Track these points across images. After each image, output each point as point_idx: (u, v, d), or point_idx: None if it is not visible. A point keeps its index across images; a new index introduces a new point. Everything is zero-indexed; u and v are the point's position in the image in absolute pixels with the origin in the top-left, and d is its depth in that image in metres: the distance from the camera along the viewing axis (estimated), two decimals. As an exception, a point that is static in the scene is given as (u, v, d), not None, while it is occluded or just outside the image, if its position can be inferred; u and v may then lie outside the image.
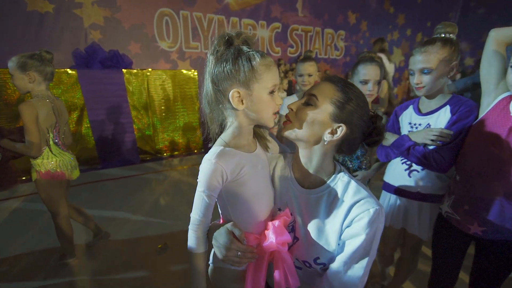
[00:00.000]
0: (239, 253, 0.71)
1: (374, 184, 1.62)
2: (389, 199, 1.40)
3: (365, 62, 1.40)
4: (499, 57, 0.99)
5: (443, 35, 1.12)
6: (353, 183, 0.73)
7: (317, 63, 1.99)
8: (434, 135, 1.10)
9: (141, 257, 2.06)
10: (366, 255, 0.68)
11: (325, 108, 0.70)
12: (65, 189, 1.92)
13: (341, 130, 0.70)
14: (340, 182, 0.74)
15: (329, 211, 0.73)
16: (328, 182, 0.75)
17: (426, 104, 1.23)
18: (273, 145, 0.91)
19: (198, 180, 0.73)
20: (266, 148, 0.88)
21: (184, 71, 4.21)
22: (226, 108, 0.74)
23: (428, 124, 1.20)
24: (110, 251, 2.13)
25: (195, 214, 0.75)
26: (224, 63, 0.69)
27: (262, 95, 0.70)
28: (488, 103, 1.01)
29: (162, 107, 4.12)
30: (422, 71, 1.12)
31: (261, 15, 6.46)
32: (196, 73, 4.22)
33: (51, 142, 1.74)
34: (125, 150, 3.98)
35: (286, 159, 0.87)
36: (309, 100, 0.72)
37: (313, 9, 7.01)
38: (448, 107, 1.14)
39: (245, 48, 0.69)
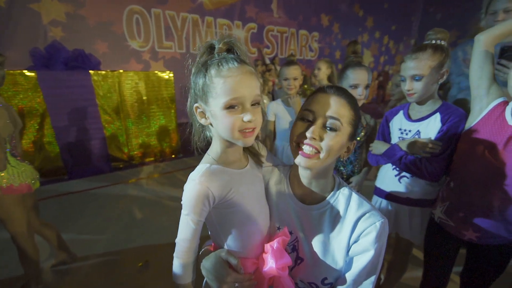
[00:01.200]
0: (236, 284, 0.66)
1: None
2: (380, 203, 1.40)
3: (354, 67, 1.40)
4: (490, 60, 1.02)
5: (434, 42, 1.13)
6: (354, 196, 0.71)
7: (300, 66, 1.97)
8: (427, 147, 1.11)
9: (120, 278, 1.88)
10: (375, 270, 0.66)
11: (346, 131, 0.66)
12: (32, 204, 1.73)
13: (353, 146, 0.69)
14: (342, 195, 0.72)
15: (333, 227, 0.70)
16: (329, 196, 0.72)
17: (416, 110, 1.24)
18: (267, 157, 0.85)
19: (182, 202, 0.65)
20: (259, 162, 0.82)
21: (159, 73, 3.99)
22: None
23: (418, 130, 1.21)
24: (84, 274, 1.92)
25: (181, 240, 0.67)
26: (193, 75, 0.66)
27: (217, 111, 0.62)
28: (480, 109, 1.02)
29: (136, 111, 3.87)
30: (414, 78, 1.13)
31: (236, 15, 6.37)
32: (171, 75, 4.02)
33: (8, 153, 1.54)
34: (95, 158, 3.67)
35: (281, 173, 0.81)
36: (333, 125, 0.65)
37: (288, 10, 7.07)
38: (438, 115, 1.16)
39: (216, 56, 0.62)
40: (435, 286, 1.21)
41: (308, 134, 0.64)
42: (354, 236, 0.67)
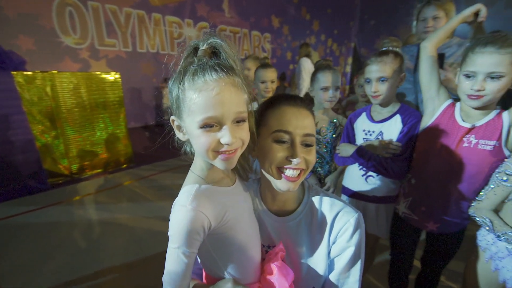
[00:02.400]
0: None
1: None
2: (348, 202, 1.48)
3: (324, 70, 1.46)
4: (436, 64, 1.14)
5: (391, 48, 1.22)
6: (325, 197, 0.72)
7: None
8: (389, 148, 1.21)
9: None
10: (358, 259, 0.68)
11: (315, 141, 0.68)
12: None
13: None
14: (313, 200, 0.72)
15: (311, 234, 0.70)
16: (302, 204, 0.72)
17: (378, 112, 1.33)
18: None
19: (169, 234, 0.57)
20: (246, 178, 0.78)
21: (103, 74, 3.55)
22: None
23: (381, 131, 1.30)
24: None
25: (170, 278, 0.57)
26: (170, 82, 0.59)
27: (192, 129, 0.56)
28: (433, 109, 1.14)
29: (76, 117, 3.38)
30: (379, 80, 1.20)
31: (187, 13, 6.10)
32: (118, 76, 3.63)
33: None
34: (26, 175, 3.10)
35: (251, 188, 0.77)
36: (311, 142, 0.66)
37: (239, 10, 7.06)
38: (398, 116, 1.26)
39: (195, 62, 0.55)
40: (403, 273, 1.33)
41: (295, 161, 0.63)
42: (332, 237, 0.68)
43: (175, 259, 0.56)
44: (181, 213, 0.56)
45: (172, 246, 0.56)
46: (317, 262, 0.70)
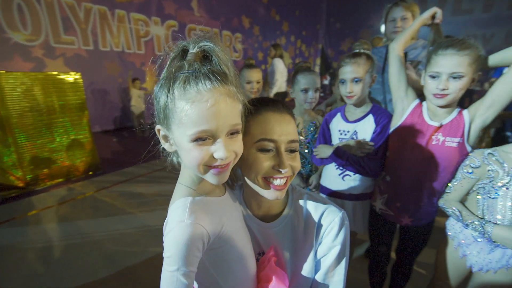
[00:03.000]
0: None
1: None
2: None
3: (304, 72, 1.48)
4: (403, 64, 1.20)
5: (362, 50, 1.27)
6: (310, 197, 0.72)
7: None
8: (364, 148, 1.26)
9: None
10: (342, 259, 0.68)
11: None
12: None
13: None
14: (298, 201, 0.72)
15: (298, 236, 0.70)
16: (287, 207, 0.72)
17: (352, 112, 1.37)
18: None
19: (166, 256, 0.52)
20: (232, 186, 0.75)
21: (62, 75, 3.24)
22: None
23: (355, 131, 1.35)
24: None
25: None
26: (157, 87, 0.54)
27: (182, 142, 0.52)
28: (402, 109, 1.20)
29: (29, 122, 3.04)
30: (353, 81, 1.24)
31: (153, 11, 5.85)
32: (78, 76, 3.34)
33: None
34: (-30, 190, 2.71)
35: (234, 194, 0.75)
36: (295, 148, 0.64)
37: (209, 10, 6.94)
38: (371, 116, 1.32)
39: (185, 68, 0.50)
40: (382, 263, 1.40)
41: (283, 170, 0.61)
42: (318, 238, 0.69)
43: (174, 283, 0.50)
44: (180, 230, 0.51)
45: (170, 269, 0.51)
46: (305, 264, 0.69)
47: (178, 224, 0.52)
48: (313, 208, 0.70)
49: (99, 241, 2.20)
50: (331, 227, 0.67)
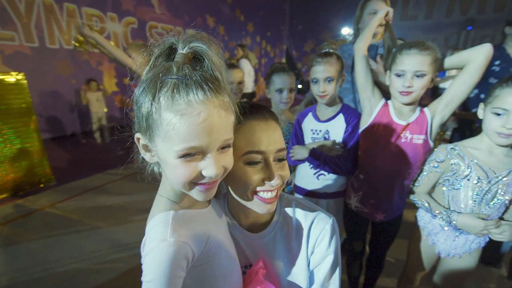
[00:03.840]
0: None
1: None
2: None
3: (278, 72, 1.47)
4: (369, 64, 1.24)
5: (331, 50, 1.29)
6: (298, 204, 0.70)
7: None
8: (334, 149, 1.29)
9: None
10: (337, 265, 0.67)
11: None
12: None
13: None
14: (286, 209, 0.70)
15: (289, 246, 0.67)
16: (276, 215, 0.69)
17: (323, 112, 1.39)
18: None
19: (146, 280, 0.46)
20: (218, 195, 0.71)
21: (1, 75, 2.82)
22: None
23: (327, 130, 1.38)
24: None
25: None
26: (138, 90, 0.48)
27: (167, 157, 0.46)
28: (370, 109, 1.24)
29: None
30: (326, 80, 1.25)
31: (109, 6, 5.42)
32: (22, 77, 2.93)
33: None
34: None
35: (217, 203, 0.71)
36: (283, 156, 0.61)
37: (171, 7, 6.65)
38: (342, 116, 1.35)
39: (173, 72, 0.44)
40: (358, 256, 1.46)
41: (274, 182, 0.56)
42: (309, 248, 0.66)
43: None
44: (162, 250, 0.45)
45: None
46: (297, 276, 0.67)
47: (160, 244, 0.46)
48: (303, 216, 0.68)
49: (57, 262, 1.96)
50: (322, 236, 0.65)
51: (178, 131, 0.43)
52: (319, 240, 0.65)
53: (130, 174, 3.26)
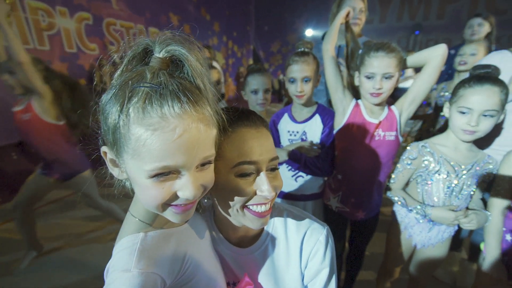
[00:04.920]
0: None
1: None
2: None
3: (253, 73, 1.44)
4: (337, 65, 1.25)
5: (306, 49, 1.29)
6: (289, 214, 0.67)
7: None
8: (312, 150, 1.29)
9: None
10: (332, 278, 0.65)
11: None
12: None
13: None
14: (277, 220, 0.66)
15: (280, 260, 0.64)
16: (266, 227, 0.65)
17: (298, 113, 1.38)
18: None
19: None
20: (202, 209, 0.66)
21: None
22: None
23: (304, 131, 1.38)
24: None
25: None
26: (105, 97, 0.42)
27: (136, 176, 0.41)
28: (343, 109, 1.26)
29: None
30: (303, 80, 1.24)
31: (58, 0, 4.88)
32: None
33: None
34: None
35: (201, 216, 0.66)
36: (276, 166, 0.56)
37: (130, 3, 6.22)
38: (318, 117, 1.36)
39: (146, 78, 0.39)
40: (339, 253, 1.49)
41: (268, 195, 0.52)
42: (303, 261, 0.64)
43: None
44: (124, 283, 0.39)
45: None
46: None
47: (122, 275, 0.40)
48: (295, 227, 0.64)
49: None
50: (316, 249, 0.62)
51: (149, 149, 0.37)
52: (313, 253, 0.62)
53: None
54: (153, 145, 0.37)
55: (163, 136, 0.37)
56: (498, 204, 1.03)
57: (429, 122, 2.21)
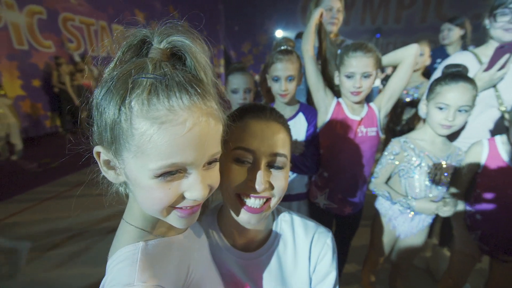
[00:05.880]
0: None
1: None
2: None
3: (234, 72, 1.42)
4: (317, 63, 1.27)
5: (288, 48, 1.28)
6: (296, 218, 0.67)
7: None
8: (297, 148, 1.29)
9: None
10: (337, 280, 0.65)
11: (288, 163, 0.57)
12: None
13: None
14: (284, 223, 0.66)
15: (288, 265, 0.63)
16: (273, 231, 0.65)
17: (282, 111, 1.35)
18: None
19: None
20: (202, 213, 0.62)
21: None
22: None
23: None
24: None
25: None
26: (99, 91, 0.37)
27: (139, 177, 0.37)
28: (325, 108, 1.28)
29: None
30: (287, 78, 1.23)
31: (4, -10, 4.35)
32: None
33: None
34: None
35: (203, 222, 0.63)
36: (281, 164, 0.54)
37: (90, -3, 5.78)
38: (302, 115, 1.36)
39: (148, 69, 0.35)
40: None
41: (257, 186, 0.50)
42: (312, 265, 0.64)
43: None
44: None
45: None
46: None
47: None
48: (303, 231, 0.64)
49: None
50: (324, 252, 0.63)
51: (156, 144, 0.34)
52: (321, 256, 0.63)
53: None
54: (161, 140, 0.34)
55: (172, 130, 0.34)
56: (462, 189, 1.15)
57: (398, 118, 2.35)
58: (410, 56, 1.14)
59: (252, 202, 0.52)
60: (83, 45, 5.62)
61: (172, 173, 0.37)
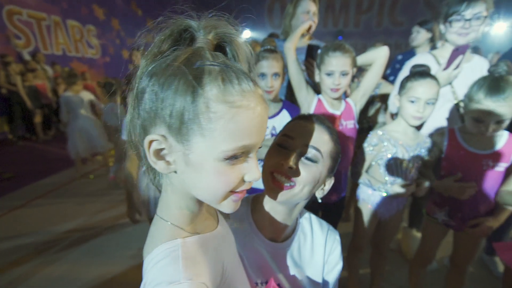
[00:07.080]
0: None
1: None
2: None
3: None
4: (299, 63, 1.35)
5: (271, 48, 1.34)
6: (313, 217, 0.77)
7: None
8: None
9: None
10: (342, 267, 0.75)
11: (325, 164, 0.63)
12: None
13: (330, 183, 0.69)
14: (305, 220, 0.74)
15: (307, 257, 0.71)
16: (297, 226, 0.72)
17: None
18: None
19: None
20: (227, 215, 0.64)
21: None
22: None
23: (274, 126, 1.42)
24: None
25: None
26: (153, 79, 0.37)
27: (205, 160, 0.37)
28: (308, 105, 1.36)
29: None
30: (273, 75, 1.29)
31: None
32: None
33: None
34: None
35: (238, 213, 0.67)
36: (313, 156, 0.60)
37: (41, -10, 5.23)
38: (286, 111, 1.42)
39: (208, 58, 0.36)
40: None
41: (285, 163, 0.58)
42: (326, 257, 0.72)
43: None
44: None
45: None
46: (316, 284, 0.71)
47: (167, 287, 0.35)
48: (319, 227, 0.74)
49: None
50: (335, 246, 0.72)
51: (231, 127, 0.35)
52: (332, 249, 0.72)
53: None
54: (236, 123, 0.35)
55: (246, 113, 0.36)
56: (430, 172, 1.31)
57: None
58: (381, 57, 1.28)
59: (283, 179, 0.59)
60: (34, 42, 5.07)
61: (237, 156, 0.38)
